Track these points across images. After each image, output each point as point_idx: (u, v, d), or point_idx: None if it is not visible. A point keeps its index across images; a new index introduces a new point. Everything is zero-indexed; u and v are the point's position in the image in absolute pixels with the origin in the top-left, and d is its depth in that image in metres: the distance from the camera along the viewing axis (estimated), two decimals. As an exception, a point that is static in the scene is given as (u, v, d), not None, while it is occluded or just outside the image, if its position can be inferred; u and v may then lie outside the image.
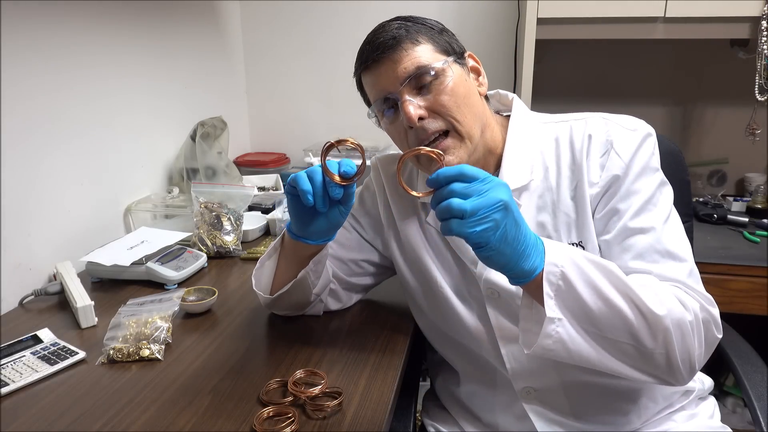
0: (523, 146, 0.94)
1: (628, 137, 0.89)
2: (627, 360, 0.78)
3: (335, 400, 0.83)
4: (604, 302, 0.75)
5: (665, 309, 0.76)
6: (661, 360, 0.77)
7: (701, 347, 0.80)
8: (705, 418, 1.03)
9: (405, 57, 0.87)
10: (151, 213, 1.63)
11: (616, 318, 0.75)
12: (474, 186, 0.71)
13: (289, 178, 0.88)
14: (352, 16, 2.18)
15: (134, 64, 1.64)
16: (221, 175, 1.77)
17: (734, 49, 1.88)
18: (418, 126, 0.87)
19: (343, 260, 1.09)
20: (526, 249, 0.73)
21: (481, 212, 0.69)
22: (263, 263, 1.03)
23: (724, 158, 2.05)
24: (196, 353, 1.00)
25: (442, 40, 0.91)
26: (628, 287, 0.75)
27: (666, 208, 0.88)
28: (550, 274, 0.74)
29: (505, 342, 0.95)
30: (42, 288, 1.23)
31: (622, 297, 0.75)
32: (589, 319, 0.76)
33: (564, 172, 0.92)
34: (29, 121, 1.27)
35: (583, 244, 0.90)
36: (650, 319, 0.75)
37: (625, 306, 0.75)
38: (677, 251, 0.85)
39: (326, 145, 0.84)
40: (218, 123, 1.87)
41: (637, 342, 0.76)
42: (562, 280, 0.74)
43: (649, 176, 0.88)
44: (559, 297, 0.75)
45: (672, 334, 0.76)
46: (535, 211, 0.92)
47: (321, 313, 1.11)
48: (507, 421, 1.00)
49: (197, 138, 1.75)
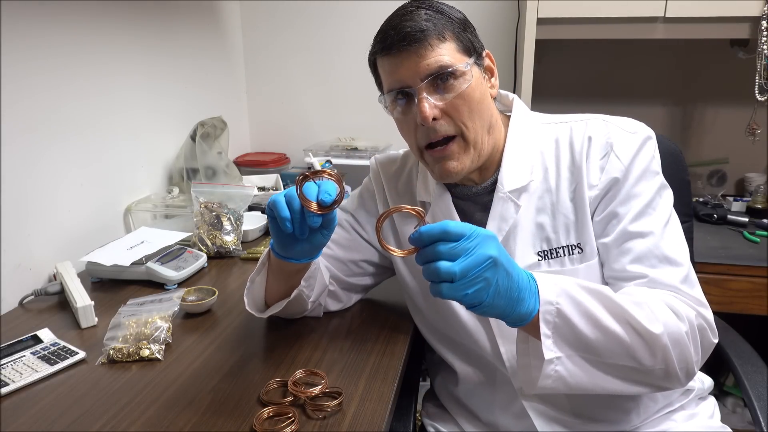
0: (522, 147, 0.95)
1: (628, 140, 0.90)
2: (626, 378, 0.79)
3: (335, 401, 0.83)
4: (601, 330, 0.76)
5: (661, 326, 0.77)
6: (660, 373, 0.79)
7: (698, 354, 0.81)
8: (705, 418, 1.03)
9: (429, 53, 0.86)
10: (151, 213, 1.63)
11: (613, 343, 0.76)
12: (461, 245, 0.69)
13: (269, 200, 0.84)
14: (352, 16, 2.18)
15: (134, 64, 1.63)
16: (221, 175, 1.77)
17: (734, 49, 1.88)
18: (429, 125, 0.87)
19: (342, 261, 1.09)
20: (519, 294, 0.74)
21: (471, 273, 0.69)
22: (253, 281, 1.01)
23: (724, 158, 2.05)
24: (196, 353, 1.00)
25: (465, 38, 0.89)
26: (623, 310, 0.76)
27: (665, 212, 0.88)
28: (546, 314, 0.75)
29: (504, 340, 0.95)
30: (42, 288, 1.23)
31: (618, 322, 0.76)
32: (587, 349, 0.77)
33: (563, 174, 0.92)
34: (29, 121, 1.27)
35: (582, 246, 0.90)
36: (648, 339, 0.76)
37: (622, 330, 0.76)
38: (675, 256, 0.86)
39: (300, 177, 0.82)
40: (218, 123, 1.87)
41: (636, 362, 0.77)
42: (558, 317, 0.75)
43: (649, 180, 0.89)
44: (556, 334, 0.76)
45: (670, 349, 0.77)
46: (534, 212, 0.92)
47: (321, 314, 1.11)
48: (506, 420, 1.00)
49: (197, 138, 1.75)
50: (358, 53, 2.20)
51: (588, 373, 0.78)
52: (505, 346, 0.95)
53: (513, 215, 0.92)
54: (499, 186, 0.93)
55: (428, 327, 1.07)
